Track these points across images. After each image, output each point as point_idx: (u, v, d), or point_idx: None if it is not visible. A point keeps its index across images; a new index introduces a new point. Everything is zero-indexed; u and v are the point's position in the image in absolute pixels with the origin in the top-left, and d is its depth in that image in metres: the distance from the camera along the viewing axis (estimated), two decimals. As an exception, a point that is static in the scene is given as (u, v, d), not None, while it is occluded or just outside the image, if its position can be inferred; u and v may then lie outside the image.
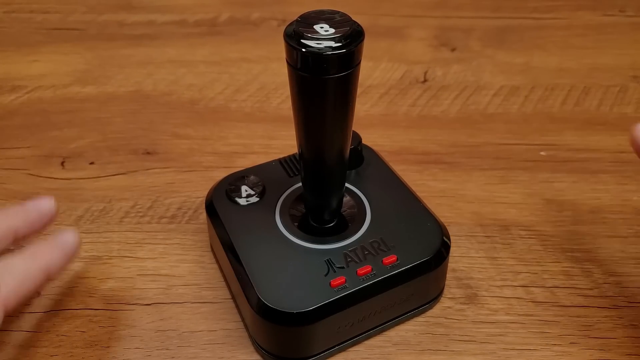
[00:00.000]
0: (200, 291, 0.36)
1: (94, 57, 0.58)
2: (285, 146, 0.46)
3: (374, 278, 0.31)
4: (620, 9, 0.65)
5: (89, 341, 0.33)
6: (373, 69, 0.56)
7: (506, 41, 0.60)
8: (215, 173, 0.44)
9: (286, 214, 0.34)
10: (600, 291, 0.35)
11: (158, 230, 0.40)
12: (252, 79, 0.55)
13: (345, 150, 0.30)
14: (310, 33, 0.25)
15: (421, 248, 0.32)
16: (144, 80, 0.55)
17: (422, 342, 0.33)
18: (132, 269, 0.37)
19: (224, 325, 0.34)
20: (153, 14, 0.65)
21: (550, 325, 0.34)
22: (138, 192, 0.42)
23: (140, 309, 0.35)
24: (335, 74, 0.26)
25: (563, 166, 0.44)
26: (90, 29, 0.62)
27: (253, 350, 0.32)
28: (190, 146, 0.47)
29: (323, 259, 0.31)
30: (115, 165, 0.45)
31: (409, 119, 0.50)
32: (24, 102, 0.52)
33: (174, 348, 0.32)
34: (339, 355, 0.32)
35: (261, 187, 0.36)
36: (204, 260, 0.37)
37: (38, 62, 0.57)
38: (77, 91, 0.53)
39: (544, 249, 0.38)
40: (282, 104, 0.51)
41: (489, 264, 0.37)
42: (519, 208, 0.41)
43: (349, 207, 0.35)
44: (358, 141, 0.37)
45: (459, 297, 0.35)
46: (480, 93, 0.52)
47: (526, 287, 0.36)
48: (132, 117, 0.50)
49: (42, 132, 0.49)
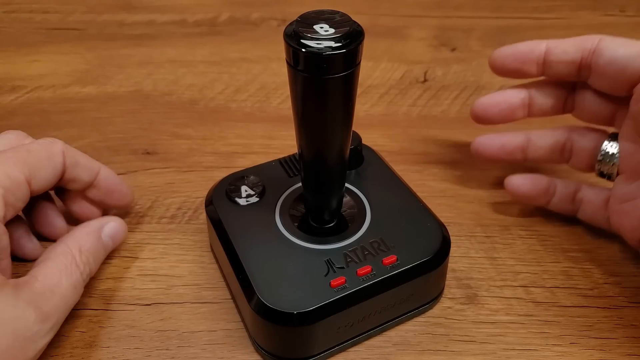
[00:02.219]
0: (200, 291, 0.35)
1: (94, 57, 0.58)
2: (285, 146, 0.46)
3: (374, 278, 0.31)
4: (620, 9, 0.65)
5: (89, 341, 0.33)
6: (373, 69, 0.56)
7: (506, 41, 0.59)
8: (215, 173, 0.44)
9: (286, 214, 0.34)
10: (601, 291, 0.35)
11: (158, 230, 0.40)
12: (252, 79, 0.55)
13: (345, 150, 0.30)
14: (310, 33, 0.25)
15: (421, 248, 0.32)
16: (144, 80, 0.55)
17: (422, 342, 0.33)
18: (132, 269, 0.37)
19: (224, 325, 0.34)
20: (153, 14, 0.65)
21: (550, 326, 0.34)
22: (138, 192, 0.42)
23: (140, 309, 0.35)
24: (335, 74, 0.26)
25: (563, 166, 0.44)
26: (90, 29, 0.62)
27: (253, 351, 0.32)
28: (190, 146, 0.47)
29: (323, 259, 0.31)
30: (115, 165, 0.45)
31: (409, 119, 0.50)
32: (24, 102, 0.52)
33: (174, 348, 0.32)
34: (339, 355, 0.32)
35: (261, 187, 0.36)
36: (203, 261, 0.37)
37: (38, 62, 0.57)
38: (77, 91, 0.53)
39: (544, 249, 0.38)
40: (282, 104, 0.51)
41: (489, 264, 0.37)
42: (519, 208, 0.41)
43: (349, 207, 0.35)
44: (358, 141, 0.37)
45: (459, 297, 0.35)
46: (480, 93, 0.52)
47: (526, 287, 0.36)
48: (132, 117, 0.50)
49: (42, 132, 0.48)
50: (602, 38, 0.35)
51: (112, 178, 0.38)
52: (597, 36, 0.35)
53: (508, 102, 0.38)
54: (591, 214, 0.37)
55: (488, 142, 0.39)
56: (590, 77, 0.36)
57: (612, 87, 0.35)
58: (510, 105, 0.38)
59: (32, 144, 0.34)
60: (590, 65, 0.35)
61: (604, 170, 0.37)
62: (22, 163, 0.32)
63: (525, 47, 0.37)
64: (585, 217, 0.38)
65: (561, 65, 0.36)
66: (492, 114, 0.39)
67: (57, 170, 0.34)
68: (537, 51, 0.37)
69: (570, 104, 0.39)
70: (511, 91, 0.39)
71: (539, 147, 0.39)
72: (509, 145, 0.39)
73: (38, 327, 0.29)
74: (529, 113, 0.39)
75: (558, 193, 0.38)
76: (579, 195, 0.38)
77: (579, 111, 0.38)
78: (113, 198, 0.38)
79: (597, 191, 0.37)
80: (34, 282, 0.30)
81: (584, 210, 0.38)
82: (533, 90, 0.39)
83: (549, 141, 0.39)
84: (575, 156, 0.38)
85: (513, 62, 0.38)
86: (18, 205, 0.32)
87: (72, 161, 0.35)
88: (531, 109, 0.39)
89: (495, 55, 0.38)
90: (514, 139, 0.39)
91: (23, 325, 0.28)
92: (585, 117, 0.38)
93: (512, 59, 0.38)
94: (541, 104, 0.39)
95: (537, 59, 0.37)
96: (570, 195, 0.38)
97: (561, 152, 0.39)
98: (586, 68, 0.36)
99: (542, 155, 0.39)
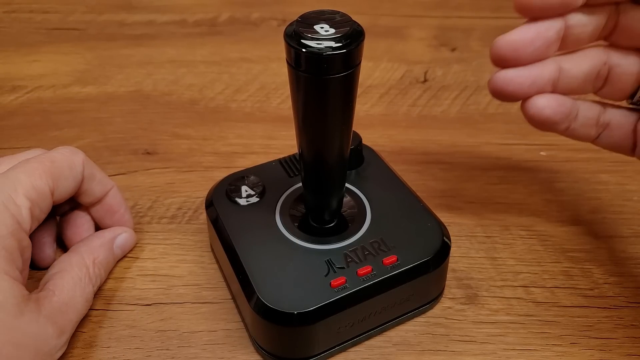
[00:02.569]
0: (200, 291, 0.35)
1: (94, 57, 0.58)
2: (285, 146, 0.46)
3: (374, 278, 0.31)
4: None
5: (89, 341, 0.33)
6: (373, 69, 0.56)
7: (506, 41, 0.60)
8: (215, 173, 0.44)
9: (286, 214, 0.34)
10: (601, 291, 0.35)
11: (158, 231, 0.40)
12: (252, 79, 0.55)
13: (346, 150, 0.30)
14: (310, 33, 0.25)
15: (421, 248, 0.32)
16: (144, 80, 0.55)
17: (422, 342, 0.33)
18: (132, 269, 0.37)
19: (224, 325, 0.34)
20: (153, 14, 0.65)
21: (550, 326, 0.34)
22: (138, 192, 0.42)
23: (140, 309, 0.35)
24: (336, 74, 0.26)
25: (563, 166, 0.44)
26: (90, 29, 0.62)
27: (253, 351, 0.32)
28: (190, 146, 0.47)
29: (323, 259, 0.31)
30: (115, 165, 0.45)
31: (409, 119, 0.50)
32: (24, 102, 0.52)
33: (174, 348, 0.32)
34: (339, 355, 0.32)
35: (261, 188, 0.36)
36: (204, 261, 0.37)
37: (38, 62, 0.57)
38: (77, 91, 0.53)
39: (544, 249, 0.38)
40: (282, 104, 0.51)
41: (489, 264, 0.37)
42: (519, 208, 0.41)
43: (349, 208, 0.35)
44: (358, 141, 0.37)
45: (459, 297, 0.35)
46: (480, 93, 0.52)
47: (526, 287, 0.36)
48: (132, 117, 0.50)
49: (42, 132, 0.49)
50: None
51: (118, 199, 0.37)
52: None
53: (544, 38, 0.30)
54: (618, 138, 0.33)
55: (517, 77, 0.30)
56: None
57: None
58: (546, 40, 0.30)
59: (54, 153, 0.34)
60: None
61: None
62: (47, 174, 0.32)
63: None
64: (607, 142, 0.33)
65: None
66: (526, 54, 0.30)
67: (77, 182, 0.34)
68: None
69: (610, 27, 0.31)
70: (543, 23, 0.30)
71: (572, 77, 0.31)
72: (541, 79, 0.31)
73: (55, 342, 0.29)
74: (562, 46, 0.31)
75: (580, 116, 0.32)
76: (603, 118, 0.33)
77: (621, 34, 0.31)
78: (113, 219, 0.37)
79: (626, 113, 0.33)
80: (52, 297, 0.30)
81: (609, 134, 0.33)
82: (571, 16, 0.30)
83: (585, 68, 0.31)
84: (613, 82, 0.32)
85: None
86: (41, 217, 0.32)
87: (89, 173, 0.35)
88: (566, 40, 0.31)
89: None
90: (544, 71, 0.31)
91: (43, 342, 0.28)
92: (627, 39, 0.31)
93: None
94: (579, 32, 0.31)
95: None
96: (593, 119, 0.32)
97: (596, 79, 0.32)
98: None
99: (575, 86, 0.32)
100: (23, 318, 0.28)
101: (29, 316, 0.28)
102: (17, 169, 0.31)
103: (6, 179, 0.31)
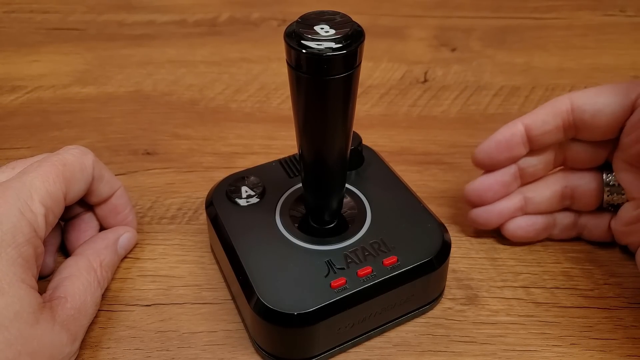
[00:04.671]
0: (200, 292, 0.35)
1: (94, 57, 0.58)
2: (285, 146, 0.46)
3: (374, 279, 0.31)
4: (620, 9, 0.65)
5: (89, 342, 0.33)
6: (373, 69, 0.56)
7: (506, 41, 0.60)
8: (216, 173, 0.44)
9: (286, 215, 0.34)
10: (601, 292, 0.35)
11: (158, 231, 0.40)
12: (252, 79, 0.55)
13: (346, 151, 0.30)
14: (310, 34, 0.25)
15: (422, 249, 0.32)
16: (144, 80, 0.54)
17: (423, 343, 0.33)
18: (132, 269, 0.37)
19: (224, 326, 0.34)
20: (153, 14, 0.65)
21: (550, 326, 0.33)
22: (138, 193, 0.42)
23: (140, 309, 0.35)
24: (336, 75, 0.26)
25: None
26: (90, 29, 0.62)
27: (253, 352, 0.32)
28: (190, 146, 0.47)
29: (323, 260, 0.31)
30: (115, 165, 0.45)
31: (409, 119, 0.50)
32: (24, 102, 0.52)
33: (174, 349, 0.32)
34: (339, 356, 0.32)
35: (261, 188, 0.36)
36: (204, 261, 0.37)
37: (38, 62, 0.57)
38: (77, 91, 0.53)
39: (545, 249, 0.38)
40: (282, 104, 0.51)
41: (490, 264, 0.37)
42: (520, 208, 0.41)
43: (349, 208, 0.35)
44: (358, 142, 0.37)
45: (460, 298, 0.35)
46: (480, 93, 0.52)
47: (527, 288, 0.36)
48: (132, 117, 0.50)
49: (42, 132, 0.48)
50: (570, 95, 0.34)
51: (124, 199, 0.37)
52: (564, 96, 0.34)
53: (500, 182, 0.36)
54: (597, 236, 0.37)
55: (485, 214, 0.37)
56: (579, 133, 0.35)
57: (604, 134, 0.34)
58: (503, 184, 0.36)
59: (66, 154, 0.33)
60: (575, 124, 0.34)
61: (614, 202, 0.36)
62: (61, 178, 0.32)
63: (504, 134, 0.35)
64: (589, 238, 0.38)
65: (547, 135, 0.35)
66: (488, 197, 0.37)
67: (87, 184, 0.34)
68: (518, 132, 0.35)
69: (559, 160, 0.37)
70: (499, 171, 0.36)
71: (538, 203, 0.37)
72: (507, 210, 0.37)
73: (69, 349, 0.29)
74: (521, 182, 0.37)
75: (558, 224, 0.38)
76: (580, 222, 0.37)
77: (571, 162, 0.37)
78: (117, 219, 0.37)
79: (598, 215, 0.37)
80: (65, 304, 0.30)
81: (589, 234, 0.38)
82: (521, 160, 0.36)
83: (548, 194, 0.37)
84: (579, 199, 0.37)
85: (500, 153, 0.36)
86: (54, 223, 0.32)
87: (98, 174, 0.35)
88: (524, 176, 0.37)
89: (479, 153, 0.36)
90: (509, 203, 0.37)
91: (58, 349, 0.29)
92: (578, 164, 0.37)
93: (498, 150, 0.36)
94: (533, 171, 0.37)
95: (522, 140, 0.35)
96: (570, 224, 0.38)
97: (561, 200, 0.37)
98: (571, 128, 0.35)
99: (543, 208, 0.37)
100: (39, 327, 0.28)
101: (44, 325, 0.28)
102: (30, 173, 0.31)
103: (22, 185, 0.30)
